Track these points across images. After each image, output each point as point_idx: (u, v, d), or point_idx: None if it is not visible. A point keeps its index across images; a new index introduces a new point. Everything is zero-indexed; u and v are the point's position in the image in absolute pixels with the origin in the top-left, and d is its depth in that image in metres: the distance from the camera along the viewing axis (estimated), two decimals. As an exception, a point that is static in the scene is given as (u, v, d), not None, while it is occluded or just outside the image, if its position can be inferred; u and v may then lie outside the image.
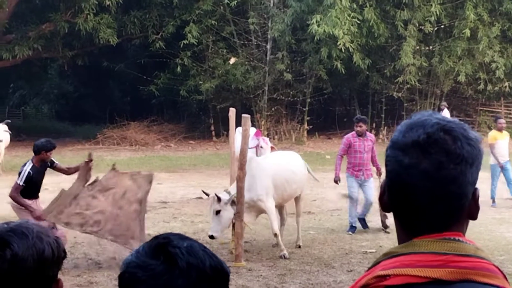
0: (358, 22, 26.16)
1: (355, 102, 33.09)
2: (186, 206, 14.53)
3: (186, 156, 25.70)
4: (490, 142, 14.52)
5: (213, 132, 31.08)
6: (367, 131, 12.42)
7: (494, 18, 28.32)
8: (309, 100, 30.07)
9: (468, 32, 26.77)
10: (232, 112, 12.08)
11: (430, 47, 29.31)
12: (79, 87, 41.63)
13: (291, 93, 29.86)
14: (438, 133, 1.48)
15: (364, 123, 12.01)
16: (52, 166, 9.42)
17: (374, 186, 11.52)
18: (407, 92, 29.94)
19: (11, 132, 20.93)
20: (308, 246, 10.69)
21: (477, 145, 1.51)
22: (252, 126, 12.04)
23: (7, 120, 22.18)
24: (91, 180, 9.43)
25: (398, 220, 1.57)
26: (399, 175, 1.51)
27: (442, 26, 28.84)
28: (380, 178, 11.64)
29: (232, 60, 29.12)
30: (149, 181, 9.64)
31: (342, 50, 25.90)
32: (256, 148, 12.30)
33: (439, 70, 28.47)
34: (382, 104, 31.03)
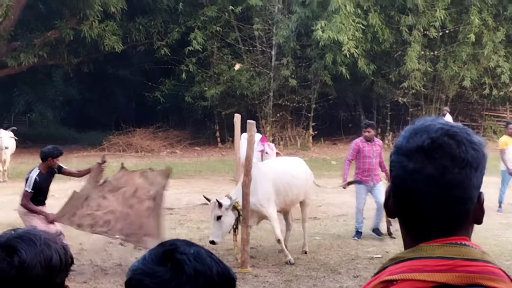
0: (363, 27, 26.16)
1: (360, 107, 33.06)
2: (191, 212, 14.53)
3: (191, 162, 25.70)
4: (500, 147, 14.44)
5: (218, 138, 31.08)
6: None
7: (499, 23, 28.29)
8: (314, 105, 30.06)
9: (473, 37, 26.74)
10: (237, 118, 12.12)
11: (435, 52, 29.29)
12: (85, 94, 41.66)
13: (296, 99, 29.85)
14: (443, 137, 1.48)
15: (372, 128, 12.04)
16: (60, 171, 9.46)
17: (384, 190, 11.49)
18: (412, 97, 29.91)
19: (17, 138, 20.98)
20: (314, 251, 10.67)
21: (481, 149, 1.51)
22: (257, 132, 12.05)
23: (13, 127, 22.24)
24: (101, 181, 9.46)
25: (404, 225, 1.58)
26: (404, 181, 1.51)
27: (447, 31, 28.82)
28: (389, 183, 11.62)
29: (237, 66, 29.13)
30: (165, 175, 9.64)
31: (347, 56, 25.89)
32: (261, 153, 12.30)
33: (444, 75, 28.44)
34: (387, 109, 30.99)
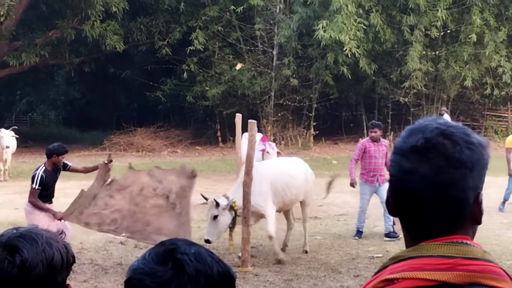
0: (364, 27, 26.14)
1: (362, 107, 33.04)
2: (192, 212, 14.51)
3: (192, 161, 25.68)
4: (507, 146, 14.37)
5: (219, 137, 31.08)
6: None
7: (501, 23, 28.27)
8: (315, 105, 30.05)
9: (474, 37, 26.72)
10: (238, 117, 12.12)
11: (437, 52, 29.27)
12: (86, 94, 41.70)
13: (298, 98, 29.84)
14: (437, 137, 1.49)
15: (379, 129, 11.96)
16: (66, 169, 9.55)
17: None
18: (414, 97, 29.89)
19: (18, 137, 20.99)
20: (314, 251, 10.67)
21: (478, 149, 1.51)
22: (258, 131, 12.06)
23: (14, 126, 22.25)
24: (109, 180, 9.51)
25: (404, 224, 1.58)
26: (400, 180, 1.52)
27: (448, 31, 28.79)
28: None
29: (238, 66, 29.13)
30: (189, 175, 9.65)
31: (348, 56, 25.88)
32: (262, 153, 12.30)
33: (446, 75, 28.41)
34: (389, 109, 30.98)
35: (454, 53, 28.22)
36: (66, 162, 9.54)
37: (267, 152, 12.43)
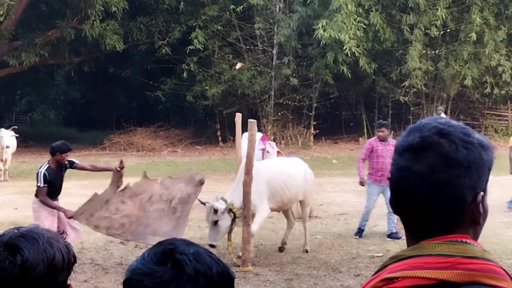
0: (364, 26, 26.13)
1: (362, 106, 33.04)
2: (192, 212, 14.48)
3: (192, 161, 25.70)
4: (511, 145, 14.34)
5: (219, 137, 31.08)
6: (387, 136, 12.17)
7: (500, 22, 28.26)
8: (315, 104, 30.04)
9: (474, 36, 26.71)
10: (238, 117, 12.11)
11: (436, 51, 29.26)
12: (86, 93, 41.70)
13: (297, 97, 29.84)
14: (433, 136, 1.49)
15: (386, 128, 11.90)
16: (73, 167, 9.59)
17: None
18: (414, 96, 29.89)
19: (18, 136, 20.98)
20: (315, 250, 10.67)
21: (477, 149, 1.50)
22: (258, 131, 12.06)
23: (14, 126, 22.25)
24: (123, 186, 9.59)
25: (404, 223, 1.58)
26: (397, 179, 1.53)
27: (448, 30, 28.78)
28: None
29: (238, 65, 29.13)
30: (197, 183, 9.69)
31: (348, 55, 25.87)
32: (262, 152, 12.30)
33: (446, 74, 28.41)
34: (389, 108, 30.99)
35: (454, 52, 28.21)
36: (72, 160, 9.61)
37: (267, 151, 12.43)
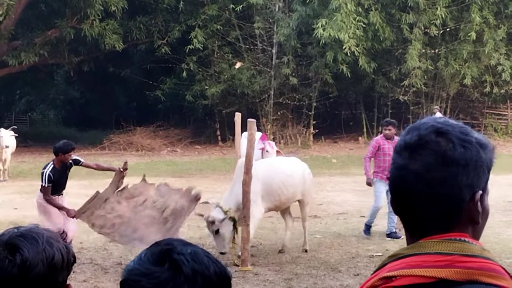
0: (364, 25, 26.13)
1: (361, 105, 33.05)
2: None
3: (192, 161, 25.69)
4: None
5: (219, 136, 31.09)
6: (391, 134, 12.05)
7: (500, 21, 28.26)
8: (315, 104, 30.05)
9: (473, 35, 26.71)
10: (238, 116, 12.10)
11: (436, 50, 29.26)
12: (85, 93, 41.70)
13: (297, 97, 29.84)
14: (430, 135, 1.49)
15: (393, 127, 11.82)
16: (78, 164, 9.72)
17: None
18: (413, 95, 29.89)
19: (18, 136, 20.98)
20: (314, 250, 10.67)
21: (475, 148, 1.50)
22: (258, 130, 12.05)
23: (13, 126, 22.24)
24: (122, 187, 9.66)
25: (403, 222, 1.59)
26: (396, 178, 1.54)
27: (448, 29, 28.78)
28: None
29: (237, 64, 29.14)
30: (193, 199, 9.72)
31: (348, 54, 25.88)
32: (261, 151, 12.28)
33: (445, 73, 28.42)
34: (388, 107, 31.00)
35: (454, 51, 28.22)
36: (78, 158, 9.72)
37: (267, 151, 12.42)
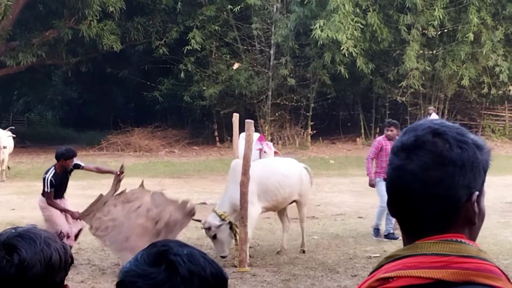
0: (362, 26, 26.16)
1: (359, 106, 33.07)
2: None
3: (190, 161, 25.69)
4: None
5: (217, 137, 31.08)
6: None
7: (498, 22, 28.31)
8: (312, 105, 30.07)
9: (471, 36, 26.75)
10: (235, 117, 12.08)
11: (434, 51, 29.30)
12: (83, 94, 41.69)
13: (295, 98, 29.85)
14: (427, 135, 1.50)
15: (395, 127, 11.76)
16: (80, 168, 9.87)
17: None
18: (411, 96, 29.92)
19: (15, 136, 20.95)
20: (312, 251, 10.67)
21: (472, 149, 1.50)
22: (255, 131, 12.05)
23: (11, 126, 22.22)
24: (120, 190, 9.71)
25: (400, 224, 1.59)
26: (393, 178, 1.54)
27: (446, 30, 28.83)
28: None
29: (235, 65, 29.14)
30: (187, 213, 9.70)
31: (346, 55, 25.91)
32: (259, 152, 12.28)
33: (443, 74, 28.45)
34: (386, 108, 31.02)
35: (451, 52, 28.26)
36: (78, 162, 9.84)
37: (264, 151, 12.42)
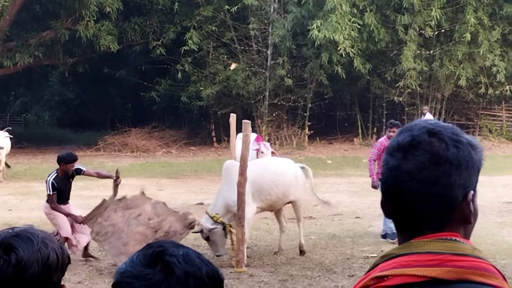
0: (359, 27, 26.17)
1: (356, 107, 33.07)
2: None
3: (187, 162, 25.68)
4: None
5: (214, 138, 31.07)
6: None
7: (495, 22, 28.34)
8: (310, 105, 30.06)
9: (468, 36, 26.78)
10: (232, 118, 12.09)
11: (431, 51, 29.31)
12: (80, 94, 41.63)
13: (292, 98, 29.85)
14: (423, 135, 1.51)
15: (397, 129, 11.73)
16: (80, 173, 9.92)
17: None
18: (408, 96, 29.93)
19: (12, 137, 20.92)
20: (309, 251, 10.67)
21: (467, 148, 1.51)
22: (253, 131, 12.03)
23: (8, 127, 22.20)
24: (120, 196, 9.78)
25: (395, 223, 1.59)
26: (388, 178, 1.55)
27: (443, 30, 28.85)
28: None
29: (232, 65, 29.14)
30: (187, 225, 9.72)
31: (343, 55, 25.92)
32: (256, 152, 12.28)
33: (440, 74, 28.47)
34: (383, 108, 31.03)
35: (448, 52, 28.28)
36: (80, 167, 9.91)
37: (262, 152, 12.42)
